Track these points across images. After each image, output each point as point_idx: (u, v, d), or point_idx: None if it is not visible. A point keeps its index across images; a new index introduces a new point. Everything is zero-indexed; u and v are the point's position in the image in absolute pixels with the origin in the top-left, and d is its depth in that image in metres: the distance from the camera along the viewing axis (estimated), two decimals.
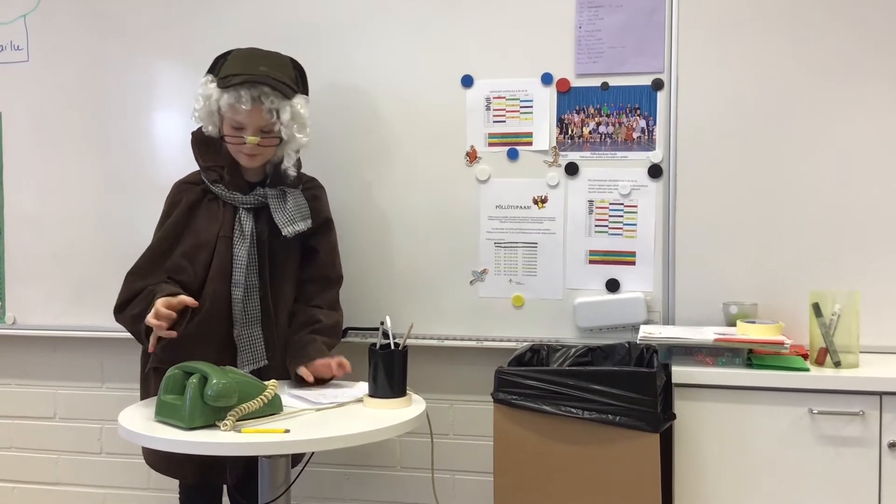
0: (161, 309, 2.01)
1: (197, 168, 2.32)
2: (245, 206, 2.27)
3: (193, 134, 2.32)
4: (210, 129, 2.27)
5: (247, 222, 2.26)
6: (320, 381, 2.23)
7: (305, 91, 2.33)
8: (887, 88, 2.33)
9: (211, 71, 2.26)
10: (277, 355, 2.27)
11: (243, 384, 1.91)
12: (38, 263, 2.81)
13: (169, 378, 1.91)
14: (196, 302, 2.09)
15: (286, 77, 2.25)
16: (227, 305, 2.22)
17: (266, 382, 1.96)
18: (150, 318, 2.02)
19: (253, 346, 2.23)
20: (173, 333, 2.04)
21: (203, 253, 2.23)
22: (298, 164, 2.32)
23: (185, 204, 2.26)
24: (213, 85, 2.21)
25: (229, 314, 2.22)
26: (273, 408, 1.94)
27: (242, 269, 2.23)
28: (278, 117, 2.21)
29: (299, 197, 2.31)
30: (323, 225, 2.37)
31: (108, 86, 2.76)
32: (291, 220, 2.26)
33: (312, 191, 2.38)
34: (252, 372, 2.16)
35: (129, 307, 2.16)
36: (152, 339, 2.06)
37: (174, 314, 2.03)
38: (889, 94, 2.33)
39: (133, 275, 2.20)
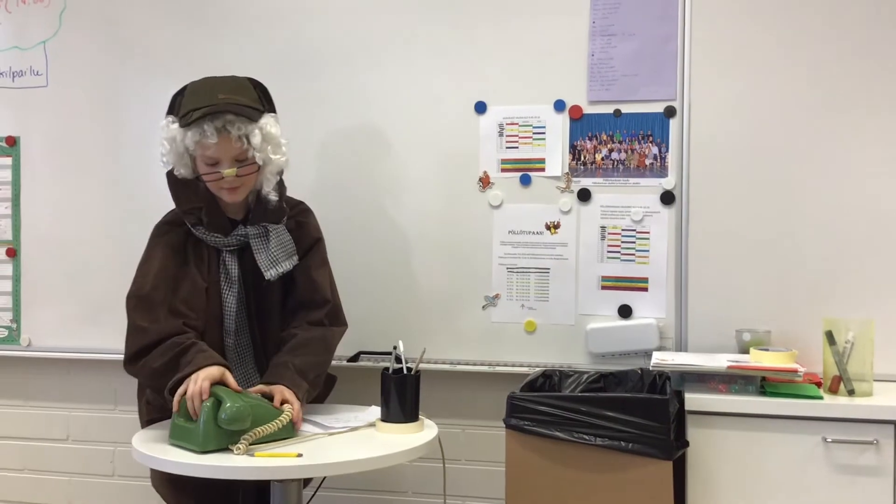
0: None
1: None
2: (228, 249, 2.19)
3: (168, 175, 2.20)
4: (183, 172, 2.16)
5: (232, 266, 2.19)
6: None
7: (272, 108, 2.21)
8: None
9: (170, 111, 2.15)
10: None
11: (257, 408, 1.92)
12: (53, 286, 2.84)
13: (185, 401, 1.92)
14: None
15: (248, 99, 2.13)
16: (220, 349, 2.16)
17: (282, 407, 1.96)
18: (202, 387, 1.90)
19: (249, 383, 2.14)
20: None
21: (200, 299, 2.15)
22: (282, 189, 2.22)
23: (169, 248, 2.16)
24: (175, 126, 2.10)
25: (223, 356, 2.14)
26: (286, 432, 1.95)
27: (233, 316, 2.18)
28: (249, 143, 2.09)
29: (283, 234, 2.21)
30: (308, 249, 2.26)
31: (125, 111, 2.79)
32: (275, 262, 2.17)
33: (297, 217, 2.28)
34: None
35: (148, 358, 2.02)
36: (177, 398, 1.92)
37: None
38: None
39: (140, 324, 2.07)
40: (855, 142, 2.36)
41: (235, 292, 2.19)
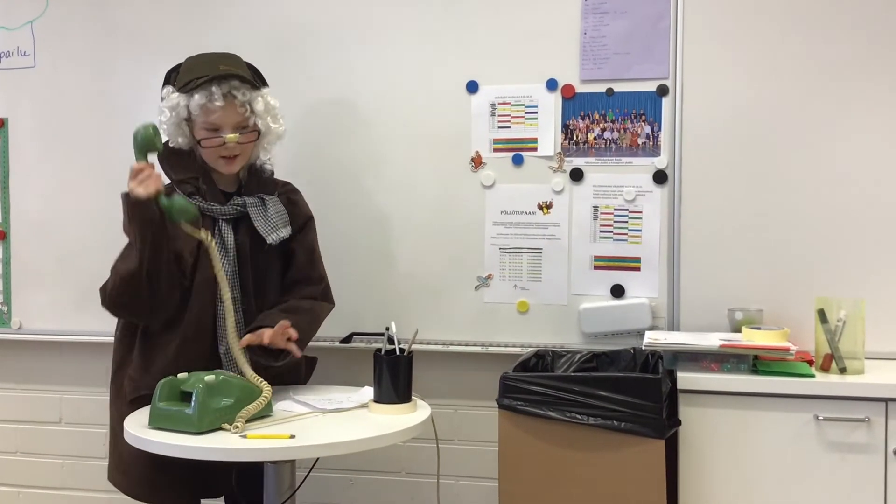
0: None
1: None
2: (224, 217, 2.20)
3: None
4: (181, 142, 2.19)
5: (227, 235, 2.19)
6: (276, 353, 2.12)
7: (266, 85, 2.27)
8: (894, 94, 2.33)
9: (167, 83, 2.20)
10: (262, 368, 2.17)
11: (244, 389, 1.94)
12: (44, 268, 2.82)
13: (164, 385, 1.92)
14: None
15: (245, 72, 2.20)
16: (211, 321, 2.16)
17: (260, 385, 1.99)
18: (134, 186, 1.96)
19: (238, 359, 2.12)
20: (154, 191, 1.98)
21: (185, 267, 2.14)
22: (272, 169, 2.29)
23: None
24: (176, 94, 2.15)
25: (213, 329, 2.16)
26: (267, 409, 1.97)
27: (227, 285, 2.16)
28: (252, 111, 2.17)
29: (278, 203, 2.25)
30: (303, 226, 2.31)
31: (113, 92, 2.77)
32: (274, 228, 2.21)
33: (287, 195, 2.31)
34: None
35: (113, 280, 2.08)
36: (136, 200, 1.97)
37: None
38: (895, 100, 2.33)
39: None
40: (848, 122, 2.36)
41: (230, 260, 2.19)
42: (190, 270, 2.15)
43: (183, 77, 2.16)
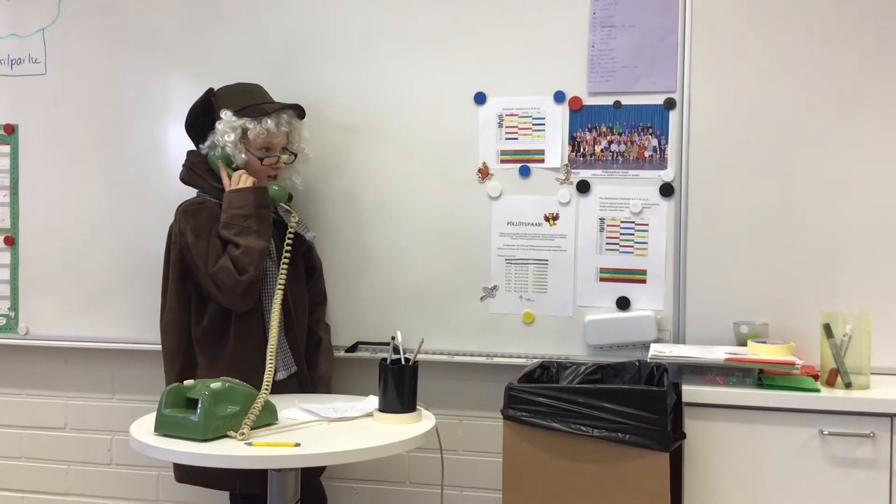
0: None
1: (192, 192, 2.42)
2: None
3: (195, 163, 2.40)
4: (242, 157, 2.34)
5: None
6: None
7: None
8: None
9: (210, 110, 2.35)
10: (302, 362, 2.41)
11: (250, 397, 1.95)
12: (51, 274, 2.83)
13: (170, 391, 1.92)
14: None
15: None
16: (259, 319, 2.30)
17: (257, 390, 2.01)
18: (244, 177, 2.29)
19: (283, 354, 2.35)
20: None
21: None
22: (301, 189, 2.53)
23: (212, 222, 2.30)
24: (237, 118, 2.32)
25: (261, 327, 2.30)
26: (271, 417, 1.98)
27: (273, 284, 2.32)
28: (299, 137, 2.44)
29: (299, 211, 2.46)
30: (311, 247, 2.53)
31: (123, 99, 2.78)
32: (308, 227, 2.44)
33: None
34: (283, 379, 2.30)
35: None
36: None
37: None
38: None
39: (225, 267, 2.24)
40: (854, 136, 2.36)
41: (274, 259, 2.34)
42: None
43: (237, 102, 2.34)
